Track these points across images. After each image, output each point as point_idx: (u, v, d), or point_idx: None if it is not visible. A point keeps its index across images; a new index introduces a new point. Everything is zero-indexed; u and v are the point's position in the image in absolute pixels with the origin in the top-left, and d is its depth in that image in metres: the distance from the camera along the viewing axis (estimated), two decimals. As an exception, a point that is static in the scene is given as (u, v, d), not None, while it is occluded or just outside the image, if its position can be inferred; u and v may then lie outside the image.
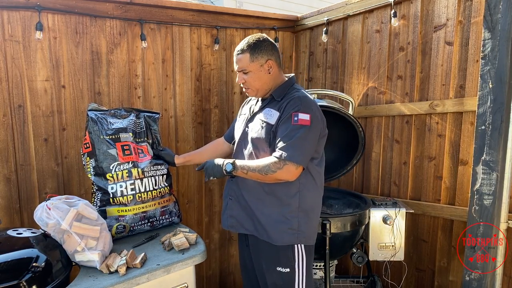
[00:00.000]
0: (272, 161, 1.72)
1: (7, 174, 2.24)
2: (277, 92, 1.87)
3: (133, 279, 1.59)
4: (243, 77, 1.86)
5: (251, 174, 1.76)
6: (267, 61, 1.83)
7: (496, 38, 1.80)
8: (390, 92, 2.70)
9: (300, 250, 1.85)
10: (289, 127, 1.73)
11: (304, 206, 1.84)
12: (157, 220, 2.13)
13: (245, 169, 1.77)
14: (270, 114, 1.83)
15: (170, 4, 2.66)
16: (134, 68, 2.60)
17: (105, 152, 2.03)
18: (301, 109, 1.74)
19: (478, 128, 1.90)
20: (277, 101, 1.86)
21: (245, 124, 1.97)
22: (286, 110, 1.77)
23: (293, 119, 1.73)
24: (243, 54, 1.83)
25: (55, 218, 1.64)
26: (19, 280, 1.39)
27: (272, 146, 1.80)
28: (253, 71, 1.83)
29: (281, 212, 1.82)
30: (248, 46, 1.82)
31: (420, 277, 2.66)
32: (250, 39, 1.85)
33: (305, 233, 1.84)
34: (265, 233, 1.85)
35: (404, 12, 2.57)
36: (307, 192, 1.84)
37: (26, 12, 2.21)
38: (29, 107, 2.28)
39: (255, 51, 1.81)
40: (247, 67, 1.83)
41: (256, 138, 1.85)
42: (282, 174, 1.71)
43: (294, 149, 1.70)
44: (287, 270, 1.84)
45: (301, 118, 1.72)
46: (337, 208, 2.70)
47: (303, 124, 1.72)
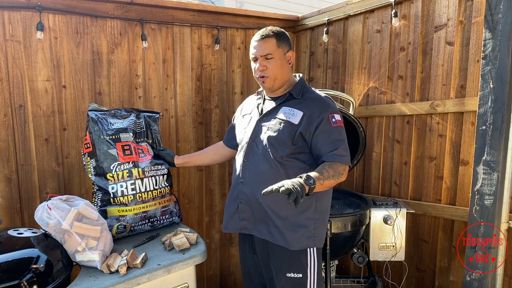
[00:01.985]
0: (338, 166, 1.69)
1: (8, 174, 2.25)
2: (295, 90, 1.83)
3: (134, 279, 1.59)
4: (265, 64, 1.77)
5: (327, 183, 1.65)
6: (289, 51, 1.82)
7: (497, 38, 1.80)
8: (391, 92, 2.70)
9: (313, 254, 1.80)
10: (333, 130, 1.72)
11: (320, 207, 1.81)
12: (157, 220, 2.13)
13: (321, 179, 1.60)
14: (292, 113, 1.77)
15: (170, 4, 2.67)
16: (135, 68, 2.61)
17: (106, 152, 2.03)
18: (333, 110, 1.75)
19: (479, 128, 1.90)
20: (297, 100, 1.80)
21: (255, 124, 1.87)
22: (316, 111, 1.73)
23: (332, 121, 1.73)
24: (269, 37, 1.77)
25: (56, 218, 1.64)
26: (20, 280, 1.39)
27: (296, 146, 1.74)
28: (276, 58, 1.77)
29: (299, 215, 1.76)
30: (274, 32, 1.78)
31: (421, 277, 2.66)
32: (272, 27, 1.82)
33: (319, 236, 1.81)
34: (281, 238, 1.77)
35: (405, 12, 2.57)
36: (323, 193, 1.79)
37: (27, 12, 2.21)
38: (30, 107, 2.28)
39: (281, 38, 1.78)
40: (273, 51, 1.76)
41: (275, 137, 1.76)
42: (345, 176, 1.73)
43: (346, 151, 1.74)
44: (299, 276, 1.77)
45: (338, 119, 1.75)
46: (338, 208, 2.70)
47: (341, 125, 1.75)
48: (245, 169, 1.86)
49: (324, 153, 1.72)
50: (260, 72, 1.80)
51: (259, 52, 1.78)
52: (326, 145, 1.72)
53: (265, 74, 1.79)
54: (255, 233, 1.87)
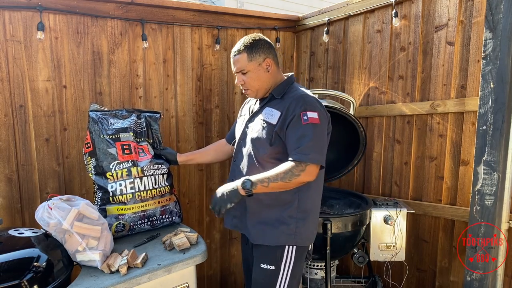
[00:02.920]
0: (292, 166, 1.66)
1: (9, 174, 2.25)
2: (276, 90, 1.84)
3: (134, 279, 1.60)
4: (242, 78, 1.84)
5: (273, 184, 1.66)
6: (265, 59, 1.81)
7: (498, 38, 1.80)
8: (391, 92, 2.70)
9: (290, 251, 1.81)
10: (301, 128, 1.69)
11: (303, 206, 1.81)
12: (157, 219, 2.14)
13: (265, 181, 1.65)
14: (271, 113, 1.80)
15: (171, 4, 2.67)
16: (135, 68, 2.61)
17: (105, 151, 2.03)
18: (308, 108, 1.71)
19: (480, 128, 1.90)
20: (278, 100, 1.83)
21: (244, 125, 1.95)
22: (291, 110, 1.73)
23: (303, 118, 1.69)
24: (240, 54, 1.81)
25: (56, 218, 1.64)
26: (20, 280, 1.39)
27: (274, 146, 1.76)
28: (251, 71, 1.81)
29: (280, 213, 1.80)
30: (245, 46, 1.81)
31: (421, 278, 2.66)
32: (245, 39, 1.83)
33: (301, 235, 1.81)
34: (262, 233, 1.83)
35: (405, 12, 2.57)
36: (306, 192, 1.81)
37: (27, 12, 2.21)
38: (31, 107, 2.28)
39: (252, 50, 1.79)
40: (246, 67, 1.81)
41: (256, 138, 1.82)
42: (306, 176, 1.68)
43: (312, 149, 1.68)
44: (271, 268, 1.81)
45: (311, 116, 1.69)
46: (338, 208, 2.70)
47: (314, 122, 1.69)
48: (234, 168, 1.94)
49: (290, 150, 1.71)
50: (241, 86, 1.88)
51: (234, 68, 1.87)
52: (292, 142, 1.70)
53: (245, 88, 1.87)
54: (244, 232, 1.94)
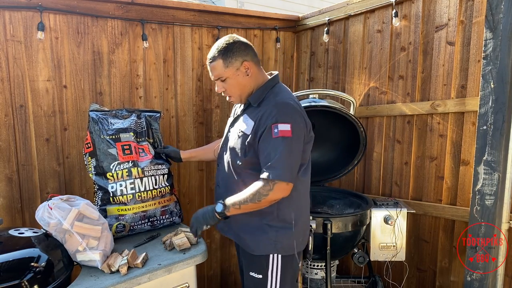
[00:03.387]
0: (260, 186, 1.60)
1: (9, 174, 2.25)
2: (254, 97, 1.74)
3: (135, 279, 1.60)
4: (222, 85, 1.74)
5: (245, 206, 1.63)
6: (243, 62, 1.69)
7: (498, 38, 1.80)
8: (392, 92, 2.70)
9: (276, 260, 1.74)
10: (271, 142, 1.59)
11: (282, 216, 1.73)
12: (157, 219, 2.14)
13: (236, 205, 1.64)
14: (246, 122, 1.72)
15: (171, 4, 2.67)
16: (136, 68, 2.61)
17: (106, 151, 2.03)
18: (280, 119, 1.59)
19: (480, 128, 1.90)
20: (254, 107, 1.74)
21: (228, 129, 1.90)
22: (263, 121, 1.63)
23: (273, 131, 1.58)
24: (216, 61, 1.70)
25: (56, 218, 1.64)
26: (20, 280, 1.39)
27: (248, 157, 1.69)
28: (230, 77, 1.70)
29: (260, 221, 1.74)
30: (219, 51, 1.69)
31: (422, 278, 2.66)
32: (219, 43, 1.71)
33: (282, 244, 1.74)
34: (244, 241, 1.81)
35: (405, 12, 2.57)
36: (286, 203, 1.71)
37: (27, 12, 2.21)
38: (31, 107, 2.28)
39: (227, 56, 1.68)
40: (223, 73, 1.70)
41: (233, 147, 1.77)
42: (275, 194, 1.61)
43: (280, 167, 1.58)
44: (259, 276, 1.76)
45: (281, 129, 1.58)
46: (338, 208, 2.70)
47: (284, 136, 1.58)
48: (218, 173, 1.92)
49: (261, 166, 1.63)
50: (222, 93, 1.79)
51: (212, 76, 1.76)
52: (263, 157, 1.62)
53: (227, 94, 1.78)
54: (229, 235, 1.92)
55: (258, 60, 1.78)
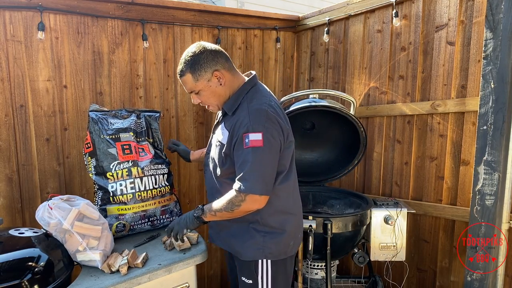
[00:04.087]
0: (233, 196, 1.59)
1: (9, 174, 2.25)
2: (228, 105, 1.69)
3: (135, 279, 1.60)
4: (197, 98, 1.70)
5: (220, 214, 1.65)
6: (213, 73, 1.63)
7: (498, 38, 1.80)
8: (392, 92, 2.70)
9: (265, 265, 1.71)
10: (243, 153, 1.55)
11: (265, 222, 1.70)
12: (157, 219, 2.14)
13: (212, 211, 1.66)
14: (223, 132, 1.69)
15: (171, 4, 2.67)
16: (136, 68, 2.61)
17: (105, 151, 2.03)
18: (251, 128, 1.54)
19: (480, 128, 1.90)
20: (228, 116, 1.69)
21: (211, 136, 1.88)
22: (236, 130, 1.59)
23: (244, 141, 1.54)
24: (185, 75, 1.64)
25: (56, 218, 1.64)
26: (20, 280, 1.39)
27: (225, 167, 1.67)
28: (202, 89, 1.65)
29: (247, 225, 1.72)
30: (186, 65, 1.62)
31: (422, 278, 2.66)
32: (185, 55, 1.65)
33: (271, 249, 1.70)
34: (233, 247, 1.80)
35: (405, 12, 2.57)
36: (269, 210, 1.67)
37: (28, 12, 2.21)
38: (31, 107, 2.28)
39: (195, 69, 1.61)
40: (195, 87, 1.65)
41: (212, 157, 1.78)
42: (248, 206, 1.58)
43: (251, 179, 1.54)
44: (249, 282, 1.75)
45: (252, 139, 1.53)
46: (339, 208, 2.70)
47: (255, 146, 1.52)
48: (205, 179, 1.92)
49: (236, 175, 1.60)
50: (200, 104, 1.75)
51: (186, 89, 1.72)
52: (236, 167, 1.60)
53: (204, 105, 1.75)
54: (218, 244, 1.92)
55: (230, 65, 1.71)
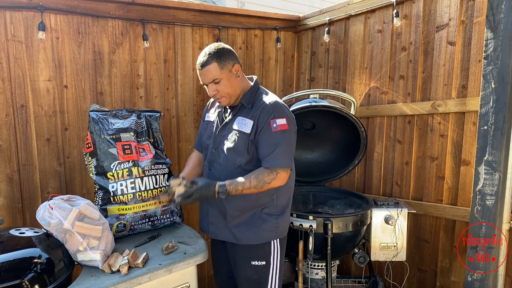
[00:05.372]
0: (264, 174, 1.77)
1: (10, 174, 2.25)
2: (245, 99, 1.88)
3: (135, 279, 1.60)
4: (215, 88, 1.81)
5: (247, 191, 1.76)
6: (234, 65, 1.82)
7: (499, 38, 1.80)
8: (392, 92, 2.69)
9: (276, 244, 1.92)
10: (271, 135, 1.78)
11: (280, 203, 1.91)
12: (158, 219, 2.14)
13: (239, 189, 1.75)
14: (244, 123, 1.85)
15: (172, 4, 2.67)
16: (136, 68, 2.61)
17: (106, 151, 2.03)
18: (277, 115, 1.79)
19: (481, 128, 1.90)
20: (248, 109, 1.86)
21: (216, 133, 1.95)
22: (261, 118, 1.80)
23: (272, 126, 1.78)
24: (210, 64, 1.77)
25: (57, 218, 1.64)
26: (21, 280, 1.39)
27: (250, 154, 1.83)
28: (224, 79, 1.79)
29: (260, 213, 1.87)
30: (212, 55, 1.78)
31: (422, 278, 2.66)
32: (210, 49, 1.80)
33: (281, 228, 1.92)
34: (243, 235, 1.87)
35: (406, 12, 2.56)
36: (282, 190, 1.90)
37: (28, 12, 2.21)
38: (32, 107, 2.28)
39: (221, 58, 1.78)
40: (218, 75, 1.78)
41: (232, 148, 1.85)
42: (277, 182, 1.80)
43: (282, 156, 1.78)
44: (262, 263, 1.89)
45: (280, 123, 1.78)
46: (339, 208, 2.70)
47: (283, 129, 1.79)
48: (211, 177, 1.94)
49: (262, 157, 1.81)
50: (213, 96, 1.86)
51: (205, 80, 1.82)
52: (264, 149, 1.80)
53: (219, 96, 1.85)
54: (222, 238, 1.95)
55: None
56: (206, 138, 2.03)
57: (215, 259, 2.14)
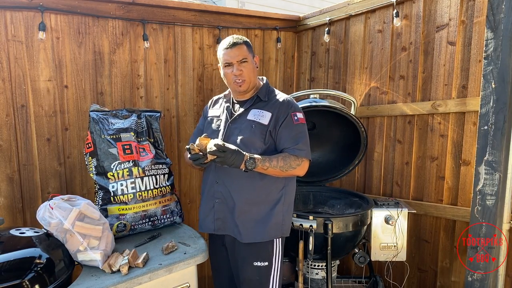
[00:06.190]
0: (292, 158, 1.83)
1: (10, 173, 2.25)
2: (261, 93, 1.95)
3: (135, 279, 1.60)
4: (241, 68, 1.85)
5: (271, 170, 1.81)
6: (255, 56, 1.94)
7: (499, 38, 1.80)
8: (392, 92, 2.70)
9: (278, 243, 1.93)
10: (294, 127, 1.87)
11: (288, 199, 1.95)
12: (158, 219, 2.14)
13: (266, 166, 1.79)
14: (261, 114, 1.90)
15: (172, 4, 2.67)
16: (137, 68, 2.61)
17: (106, 151, 2.04)
18: (297, 109, 1.92)
19: (481, 128, 1.90)
20: (264, 102, 1.93)
21: (226, 127, 1.94)
22: (282, 111, 1.88)
23: (294, 119, 1.88)
24: (241, 45, 1.86)
25: (57, 218, 1.64)
26: (21, 280, 1.39)
27: (267, 144, 1.88)
28: (249, 62, 1.88)
29: (270, 210, 1.89)
30: (243, 40, 1.89)
31: (422, 278, 2.66)
32: (238, 36, 1.90)
33: (286, 225, 1.95)
34: (249, 231, 1.87)
35: (406, 12, 2.56)
36: (290, 186, 1.96)
37: (29, 12, 2.21)
38: (32, 107, 2.28)
39: (248, 45, 1.91)
40: (247, 56, 1.87)
41: (248, 138, 1.87)
42: (300, 170, 1.87)
43: (306, 146, 1.88)
44: (265, 264, 1.89)
45: (300, 117, 1.91)
46: (339, 208, 2.70)
47: (302, 122, 1.91)
48: (219, 170, 1.93)
49: (286, 147, 1.87)
50: (235, 77, 1.87)
51: (235, 58, 1.85)
52: (288, 140, 1.87)
53: (242, 78, 1.87)
54: (228, 233, 1.94)
55: None
56: (211, 132, 2.00)
57: (215, 264, 2.12)
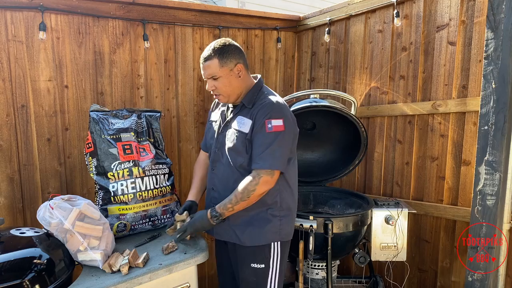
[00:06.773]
0: (247, 182, 1.73)
1: (10, 174, 2.25)
2: (246, 98, 1.85)
3: (136, 279, 1.60)
4: (213, 84, 1.80)
5: (237, 207, 1.75)
6: (236, 65, 1.80)
7: (499, 38, 1.80)
8: (393, 92, 2.69)
9: (276, 247, 1.87)
10: (264, 136, 1.74)
11: (285, 205, 1.88)
12: (158, 219, 2.14)
13: (229, 207, 1.75)
14: (242, 122, 1.82)
15: (172, 4, 2.67)
16: (137, 68, 2.61)
17: (106, 151, 2.04)
18: (273, 115, 1.74)
19: (481, 128, 1.89)
20: (249, 108, 1.83)
21: (219, 133, 1.94)
22: (258, 118, 1.76)
23: (267, 126, 1.73)
24: (211, 60, 1.77)
25: (58, 218, 1.64)
26: (22, 279, 1.40)
27: (249, 154, 1.80)
28: (223, 77, 1.78)
29: (265, 212, 1.84)
30: (215, 51, 1.77)
31: (423, 278, 2.66)
32: (216, 44, 1.79)
33: (285, 231, 1.89)
34: (246, 235, 1.85)
35: (406, 12, 2.56)
36: (285, 191, 1.87)
37: (29, 12, 2.22)
38: (32, 107, 2.29)
39: (223, 56, 1.76)
40: (217, 73, 1.77)
41: (233, 147, 1.83)
42: (262, 187, 1.74)
43: (270, 157, 1.73)
44: (261, 266, 1.86)
45: (275, 124, 1.74)
46: (340, 208, 2.70)
47: (277, 130, 1.73)
48: (213, 177, 1.94)
49: (253, 158, 1.77)
50: (211, 91, 1.85)
51: (205, 74, 1.82)
52: (255, 149, 1.77)
53: (216, 93, 1.84)
54: (226, 239, 1.93)
55: (247, 65, 1.90)
56: (210, 138, 2.03)
57: (219, 259, 2.14)
